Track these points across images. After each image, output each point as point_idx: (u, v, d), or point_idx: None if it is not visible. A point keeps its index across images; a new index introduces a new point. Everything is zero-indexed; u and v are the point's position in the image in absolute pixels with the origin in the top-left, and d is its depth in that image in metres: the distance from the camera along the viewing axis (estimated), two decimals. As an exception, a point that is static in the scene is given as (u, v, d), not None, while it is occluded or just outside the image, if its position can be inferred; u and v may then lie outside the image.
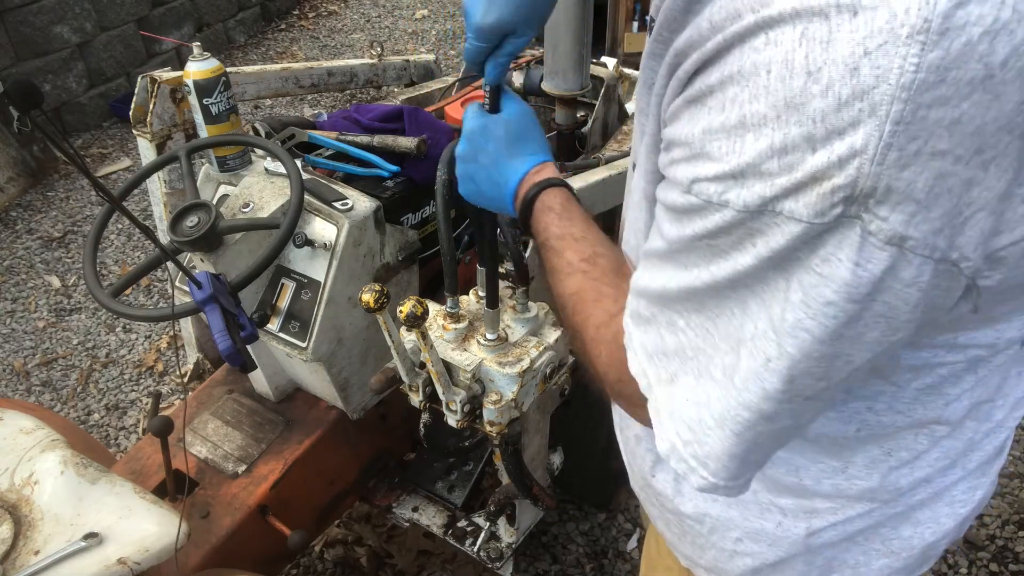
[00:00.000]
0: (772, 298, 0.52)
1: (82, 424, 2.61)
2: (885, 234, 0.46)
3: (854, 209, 0.46)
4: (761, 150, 0.48)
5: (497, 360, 1.22)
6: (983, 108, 0.43)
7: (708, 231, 0.53)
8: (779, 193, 0.48)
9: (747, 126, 0.48)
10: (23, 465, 1.24)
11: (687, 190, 0.54)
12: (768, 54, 0.47)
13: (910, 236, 0.46)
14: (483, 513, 1.74)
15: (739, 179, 0.49)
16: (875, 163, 0.44)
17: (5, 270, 3.33)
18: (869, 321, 0.50)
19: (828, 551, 0.80)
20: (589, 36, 1.63)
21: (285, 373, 1.67)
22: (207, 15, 5.08)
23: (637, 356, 0.66)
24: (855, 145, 0.44)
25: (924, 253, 0.47)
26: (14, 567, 1.11)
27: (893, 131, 0.43)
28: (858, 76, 0.43)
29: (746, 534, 0.81)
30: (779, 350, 0.53)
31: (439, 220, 1.15)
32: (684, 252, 0.57)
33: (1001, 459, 0.82)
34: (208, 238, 1.31)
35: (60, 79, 4.16)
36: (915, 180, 0.45)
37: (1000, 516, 2.14)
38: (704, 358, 0.59)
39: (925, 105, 0.43)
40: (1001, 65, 0.42)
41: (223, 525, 1.47)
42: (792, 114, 0.46)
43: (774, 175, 0.48)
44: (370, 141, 1.58)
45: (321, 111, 2.49)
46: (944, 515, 0.78)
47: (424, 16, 5.67)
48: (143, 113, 1.72)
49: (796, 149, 0.46)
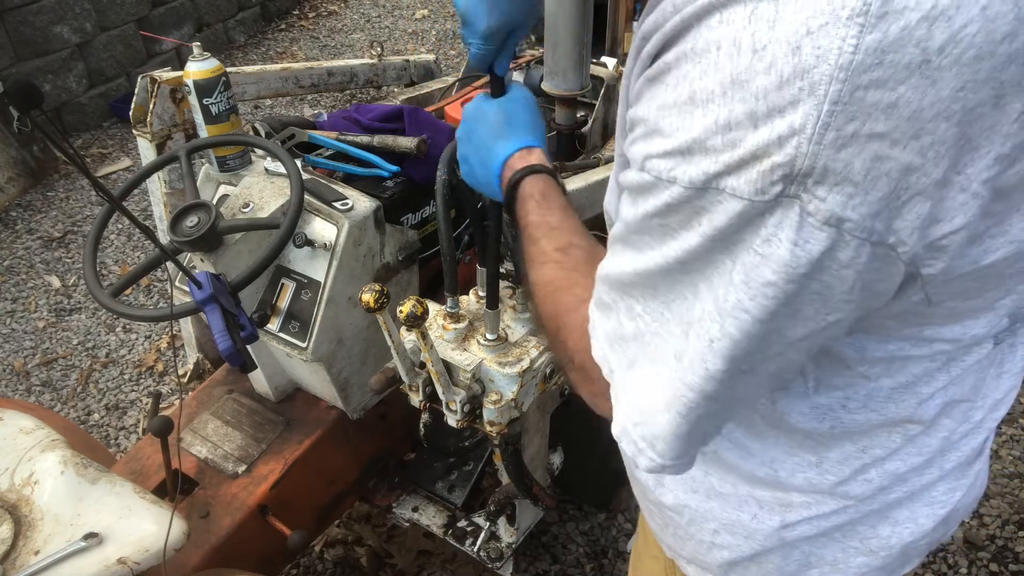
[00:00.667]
0: (719, 279, 0.53)
1: (82, 424, 2.61)
2: (823, 215, 0.47)
3: (793, 189, 0.46)
4: (707, 126, 0.48)
5: (497, 360, 1.22)
6: (920, 93, 0.43)
7: (658, 209, 0.54)
8: (722, 170, 0.48)
9: (696, 102, 0.49)
10: (23, 465, 1.24)
11: (641, 167, 0.54)
12: (719, 32, 0.47)
13: (847, 218, 0.47)
14: (483, 513, 1.74)
15: (686, 155, 0.50)
16: (813, 142, 0.45)
17: (5, 270, 3.33)
18: (805, 299, 0.51)
19: (805, 545, 0.80)
20: (589, 36, 1.63)
21: (285, 373, 1.67)
22: (207, 15, 5.08)
23: (599, 343, 0.67)
24: (794, 124, 0.45)
25: (861, 236, 0.47)
26: (14, 567, 1.11)
27: (831, 111, 0.44)
28: (800, 55, 0.44)
29: (723, 526, 0.82)
30: (721, 331, 0.54)
31: (439, 220, 1.15)
32: (639, 233, 0.58)
33: (981, 461, 0.82)
34: (208, 238, 1.31)
35: (60, 79, 4.16)
36: (852, 162, 0.45)
37: (1000, 516, 2.14)
38: (659, 342, 0.60)
39: (863, 86, 0.43)
40: (938, 51, 0.43)
41: (223, 525, 1.47)
42: (737, 91, 0.47)
43: (719, 151, 0.48)
44: (370, 141, 1.58)
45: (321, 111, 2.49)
46: (923, 515, 0.78)
47: (424, 16, 5.67)
48: (143, 113, 1.72)
49: (739, 126, 0.47)
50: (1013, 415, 2.41)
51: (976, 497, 0.85)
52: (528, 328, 1.28)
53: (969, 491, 0.81)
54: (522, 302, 1.28)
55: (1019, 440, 2.34)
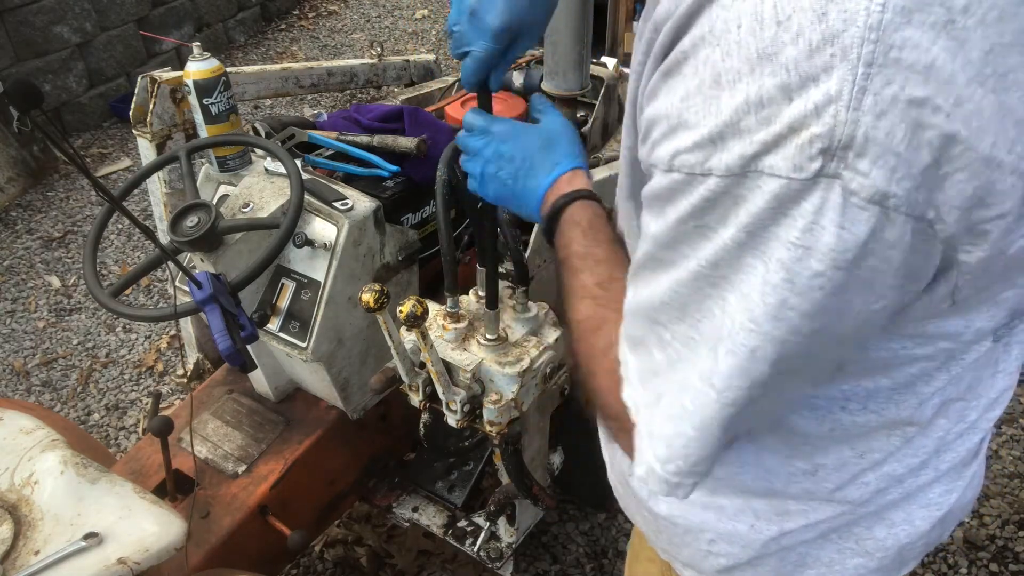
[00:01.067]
0: (751, 286, 0.50)
1: (82, 424, 2.61)
2: (867, 191, 0.45)
3: (834, 165, 0.45)
4: (737, 106, 0.47)
5: (497, 360, 1.22)
6: (951, 55, 0.42)
7: (695, 208, 0.51)
8: (759, 149, 0.46)
9: (722, 84, 0.48)
10: (23, 465, 1.24)
11: (668, 167, 0.52)
12: (737, 9, 0.46)
13: (892, 193, 0.45)
14: (483, 513, 1.74)
15: (718, 142, 0.48)
16: (851, 108, 0.43)
17: (5, 270, 3.33)
18: (854, 288, 0.49)
19: (801, 547, 0.79)
20: (589, 36, 1.63)
21: (285, 373, 1.67)
22: (207, 15, 5.08)
23: (632, 384, 0.64)
24: (830, 91, 0.44)
25: (905, 211, 0.46)
26: (14, 567, 1.11)
27: (866, 73, 0.43)
28: (826, 21, 0.43)
29: (719, 536, 0.81)
30: (763, 337, 0.51)
31: (439, 220, 1.15)
32: (671, 246, 0.55)
33: (977, 462, 0.80)
34: (208, 238, 1.31)
35: (60, 79, 4.16)
36: (893, 130, 0.44)
37: (1000, 516, 2.14)
38: (686, 367, 0.57)
39: (896, 46, 0.42)
40: (962, 10, 0.42)
41: (223, 525, 1.47)
42: (766, 65, 0.45)
43: (752, 131, 0.46)
44: (370, 141, 1.58)
45: (321, 111, 2.49)
46: (919, 517, 0.77)
47: (424, 16, 5.67)
48: (143, 113, 1.72)
49: (772, 101, 0.45)
50: (1013, 415, 2.41)
51: (972, 498, 0.84)
52: (528, 328, 1.28)
53: (965, 492, 0.80)
54: (522, 302, 1.28)
55: (1019, 440, 2.34)
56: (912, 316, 0.58)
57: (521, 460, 1.42)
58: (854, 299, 0.50)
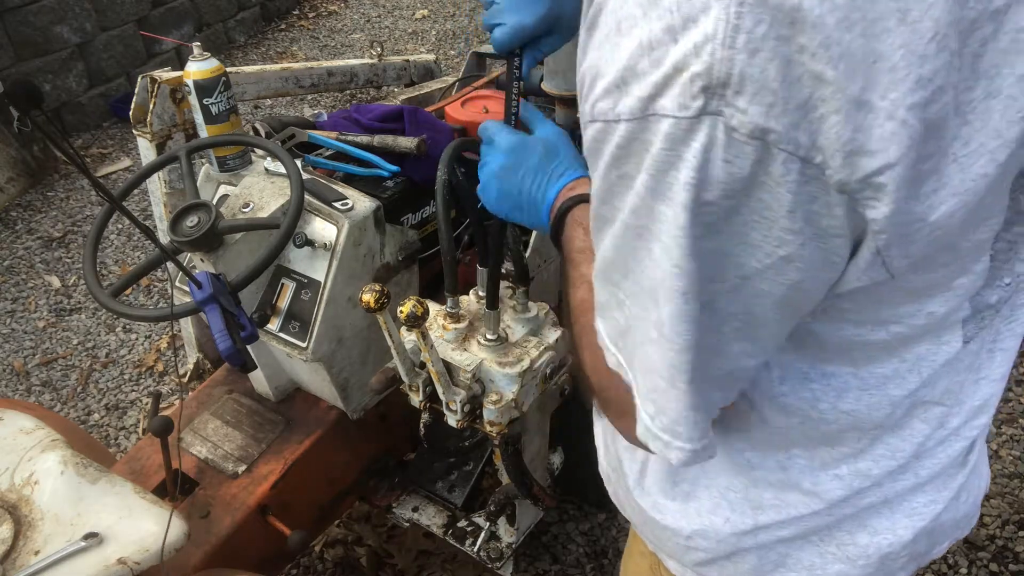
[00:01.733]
0: (665, 231, 0.52)
1: (82, 424, 2.61)
2: (747, 127, 0.46)
3: (715, 103, 0.46)
4: (633, 50, 0.49)
5: (497, 360, 1.22)
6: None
7: (614, 157, 0.53)
8: (653, 91, 0.48)
9: (622, 31, 0.50)
10: (23, 465, 1.24)
11: (592, 118, 0.54)
12: None
13: (772, 128, 0.46)
14: (483, 513, 1.74)
15: (622, 87, 0.50)
16: (726, 47, 0.45)
17: (5, 270, 3.33)
18: (748, 220, 0.50)
19: (781, 547, 0.79)
20: (589, 36, 1.63)
21: (285, 373, 1.67)
22: (207, 15, 5.08)
23: (609, 350, 0.66)
24: (707, 30, 0.45)
25: (788, 148, 0.47)
26: (14, 567, 1.11)
27: (738, 12, 0.44)
28: None
29: (696, 531, 0.81)
30: (688, 278, 0.53)
31: (439, 220, 1.15)
32: (606, 201, 0.56)
33: (964, 473, 0.79)
34: (208, 238, 1.31)
35: (60, 79, 4.16)
36: (767, 68, 0.45)
37: (1000, 516, 2.14)
38: (642, 324, 0.59)
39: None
40: None
41: (223, 525, 1.47)
42: (653, 9, 0.47)
43: (647, 73, 0.48)
44: (370, 141, 1.58)
45: (321, 111, 2.49)
46: (902, 526, 0.77)
47: (424, 16, 5.67)
48: (143, 113, 1.72)
49: (660, 43, 0.47)
50: (1013, 415, 2.41)
51: (967, 515, 0.83)
52: (528, 328, 1.28)
53: (954, 506, 0.79)
54: (522, 302, 1.28)
55: (1019, 440, 2.34)
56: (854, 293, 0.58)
57: (521, 460, 1.42)
58: (751, 234, 0.51)
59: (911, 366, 0.66)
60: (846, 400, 0.68)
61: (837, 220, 0.51)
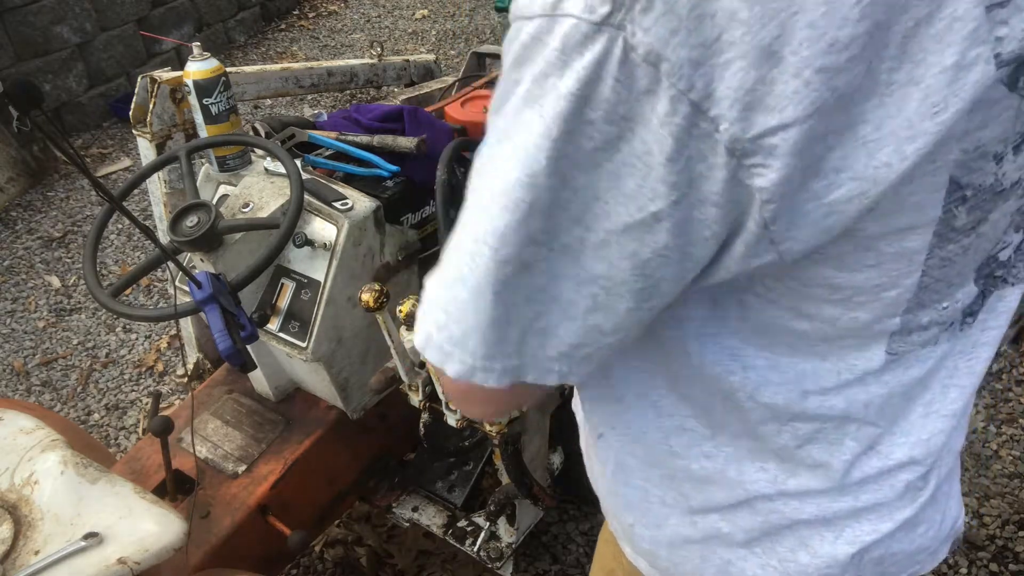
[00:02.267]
0: (527, 139, 0.49)
1: (82, 424, 2.61)
2: (644, 48, 0.44)
3: (620, 15, 0.44)
4: None
5: (497, 360, 1.22)
6: None
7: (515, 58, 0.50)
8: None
9: None
10: (23, 465, 1.24)
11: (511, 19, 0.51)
12: None
13: (667, 57, 0.44)
14: (483, 513, 1.75)
15: None
16: None
17: (5, 270, 3.33)
18: (626, 159, 0.48)
19: (723, 552, 0.77)
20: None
21: (285, 373, 1.68)
22: (207, 15, 5.08)
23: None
24: None
25: (679, 86, 0.45)
26: (14, 567, 1.11)
27: None
28: None
29: (637, 519, 0.81)
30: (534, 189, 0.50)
31: (439, 220, 1.15)
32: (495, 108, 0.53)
33: (916, 506, 0.75)
34: (208, 238, 1.31)
35: (60, 79, 4.16)
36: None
37: (1000, 516, 2.14)
38: (464, 233, 0.56)
39: None
40: None
41: (223, 525, 1.47)
42: None
43: None
44: (370, 141, 1.58)
45: (321, 111, 2.49)
46: (840, 550, 0.74)
47: (424, 16, 5.67)
48: (143, 113, 1.72)
49: None
50: (1013, 415, 2.41)
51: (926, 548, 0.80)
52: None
53: (899, 540, 0.75)
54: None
55: (1019, 440, 2.34)
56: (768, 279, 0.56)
57: (521, 460, 1.42)
58: (627, 180, 0.49)
59: (832, 367, 0.63)
60: (764, 392, 0.65)
61: (717, 186, 0.48)
